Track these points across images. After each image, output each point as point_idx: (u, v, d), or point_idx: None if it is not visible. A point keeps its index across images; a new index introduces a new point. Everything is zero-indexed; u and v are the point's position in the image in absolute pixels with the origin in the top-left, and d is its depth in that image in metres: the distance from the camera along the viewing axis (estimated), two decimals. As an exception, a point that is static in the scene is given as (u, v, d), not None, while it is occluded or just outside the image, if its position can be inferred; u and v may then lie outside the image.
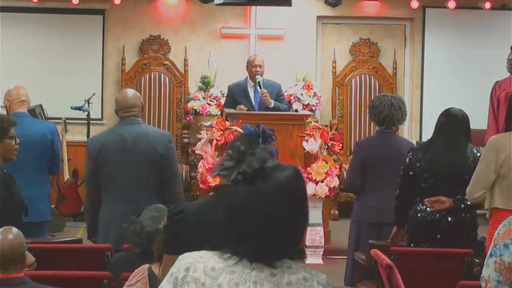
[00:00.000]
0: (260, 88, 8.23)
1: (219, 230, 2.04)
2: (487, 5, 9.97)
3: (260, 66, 8.43)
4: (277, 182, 2.01)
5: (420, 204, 5.18)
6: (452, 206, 5.11)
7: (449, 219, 5.12)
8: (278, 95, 8.43)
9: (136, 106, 5.12)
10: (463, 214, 5.15)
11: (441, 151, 5.18)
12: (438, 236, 5.11)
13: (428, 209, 5.14)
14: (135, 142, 5.02)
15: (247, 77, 8.55)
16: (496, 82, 8.93)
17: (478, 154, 5.19)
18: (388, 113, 5.85)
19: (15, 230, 3.74)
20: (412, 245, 5.20)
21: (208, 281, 1.99)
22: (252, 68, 8.44)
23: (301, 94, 9.74)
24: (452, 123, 5.24)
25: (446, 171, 5.13)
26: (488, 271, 2.84)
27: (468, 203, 5.10)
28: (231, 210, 2.03)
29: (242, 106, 8.29)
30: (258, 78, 8.30)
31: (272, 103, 8.21)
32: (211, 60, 9.84)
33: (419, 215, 5.17)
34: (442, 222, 5.12)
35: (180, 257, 2.07)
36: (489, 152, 4.89)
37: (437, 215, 5.13)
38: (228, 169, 2.02)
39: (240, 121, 7.45)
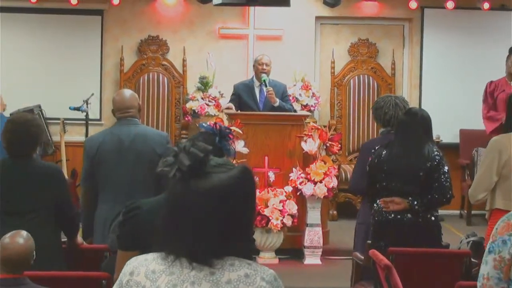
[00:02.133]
0: (266, 86, 8.22)
1: (161, 229, 2.02)
2: (486, 5, 9.97)
3: (267, 65, 8.40)
4: (216, 181, 1.97)
5: (378, 203, 5.20)
6: (406, 208, 5.10)
7: (405, 219, 5.11)
8: (283, 95, 8.40)
9: (133, 107, 5.12)
10: (419, 215, 5.11)
11: (399, 150, 5.18)
12: (395, 235, 5.09)
13: (383, 207, 5.15)
14: (132, 142, 5.02)
15: (253, 76, 8.53)
16: (491, 81, 8.92)
17: (436, 153, 5.15)
18: (393, 113, 5.86)
19: (24, 233, 3.77)
20: (370, 243, 5.20)
21: (148, 284, 1.98)
22: (258, 66, 8.43)
23: (300, 95, 9.74)
24: (411, 122, 5.23)
25: (401, 170, 5.12)
26: (487, 268, 2.76)
27: (425, 200, 5.08)
28: (169, 208, 2.02)
29: (231, 105, 8.29)
30: (264, 76, 8.28)
31: (277, 101, 8.19)
32: (209, 61, 9.84)
33: (376, 213, 5.18)
34: (397, 222, 5.11)
35: (128, 261, 2.07)
36: (491, 153, 4.86)
37: (392, 214, 5.12)
38: (170, 165, 2.01)
39: (239, 120, 7.45)
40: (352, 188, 6.46)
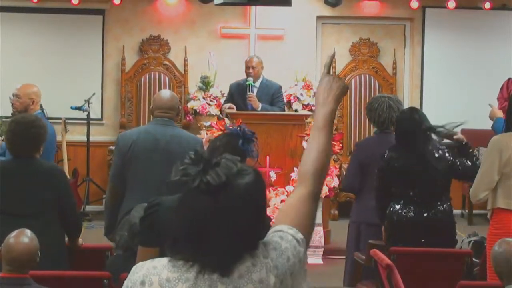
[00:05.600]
0: (250, 90, 8.21)
1: (176, 235, 1.98)
2: (487, 5, 9.98)
3: (253, 68, 8.36)
4: (238, 192, 1.94)
5: (395, 204, 5.19)
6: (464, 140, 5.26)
7: (425, 218, 5.12)
8: (273, 96, 8.37)
9: (174, 109, 5.06)
10: (439, 214, 5.13)
11: (409, 151, 5.18)
12: (415, 236, 5.10)
13: (403, 209, 5.14)
14: (168, 143, 4.94)
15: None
16: (509, 78, 8.85)
17: (443, 154, 5.17)
18: (387, 115, 5.86)
19: (29, 232, 3.77)
20: (389, 244, 5.20)
21: None
22: (245, 69, 8.44)
23: (301, 94, 9.74)
24: (410, 126, 5.22)
25: (418, 177, 5.13)
26: None
27: (447, 204, 5.11)
28: (191, 219, 1.97)
29: (232, 105, 8.29)
30: (249, 80, 8.26)
31: (259, 106, 8.15)
32: (210, 60, 9.84)
33: (395, 216, 5.17)
34: (418, 222, 5.11)
35: (134, 268, 2.02)
36: (492, 152, 4.86)
37: (413, 214, 5.13)
38: (192, 175, 1.95)
39: (240, 120, 7.45)
40: (344, 186, 6.46)
